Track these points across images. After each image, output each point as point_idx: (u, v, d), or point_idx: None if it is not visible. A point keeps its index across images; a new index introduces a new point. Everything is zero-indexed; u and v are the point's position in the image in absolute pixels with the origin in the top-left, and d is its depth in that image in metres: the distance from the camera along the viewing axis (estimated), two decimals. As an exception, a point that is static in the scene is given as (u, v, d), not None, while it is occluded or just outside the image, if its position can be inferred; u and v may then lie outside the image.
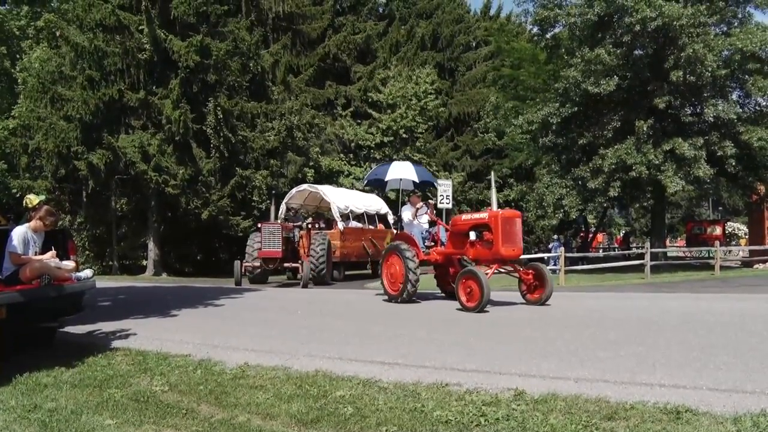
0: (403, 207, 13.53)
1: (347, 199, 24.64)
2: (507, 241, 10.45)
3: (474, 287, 9.77)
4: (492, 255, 10.58)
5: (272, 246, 19.11)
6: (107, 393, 5.00)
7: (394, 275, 11.97)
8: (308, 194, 24.34)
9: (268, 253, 19.18)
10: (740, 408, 3.97)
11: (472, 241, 10.91)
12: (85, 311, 7.39)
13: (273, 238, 19.13)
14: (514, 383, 4.82)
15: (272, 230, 19.46)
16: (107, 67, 27.48)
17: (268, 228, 19.60)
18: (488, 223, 10.65)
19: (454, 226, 11.72)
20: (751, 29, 22.80)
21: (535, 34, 30.13)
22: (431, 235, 12.69)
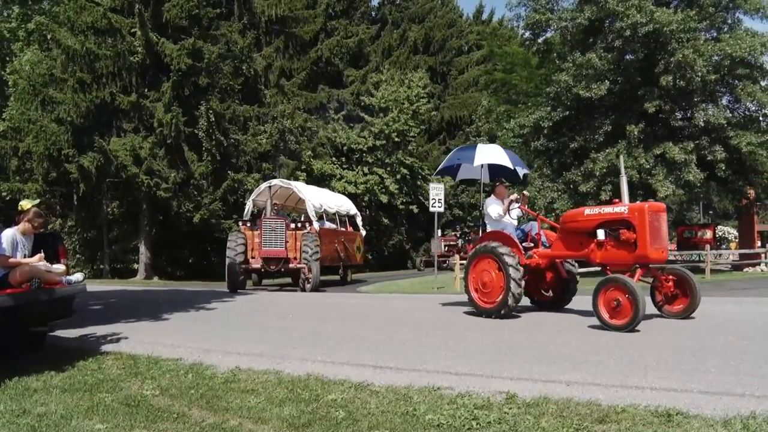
0: (486, 200, 11.14)
1: (321, 197, 22.21)
2: (655, 241, 8.49)
3: (623, 300, 7.77)
4: (635, 258, 8.56)
5: (275, 245, 17.69)
6: (97, 397, 4.97)
7: (488, 284, 9.63)
8: (278, 190, 21.51)
9: (270, 252, 17.67)
10: (730, 411, 3.99)
11: (601, 241, 8.85)
12: (76, 315, 7.36)
13: (275, 235, 17.67)
14: (505, 387, 4.83)
15: (275, 226, 17.88)
16: (99, 69, 27.40)
17: (270, 223, 17.95)
18: (628, 218, 8.61)
19: (569, 222, 9.51)
20: (740, 35, 22.96)
21: (527, 38, 30.20)
22: (526, 235, 10.52)
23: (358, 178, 35.64)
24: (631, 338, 7.04)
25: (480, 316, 9.54)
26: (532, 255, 9.90)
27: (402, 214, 39.25)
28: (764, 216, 38.90)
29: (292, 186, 21.35)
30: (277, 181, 21.62)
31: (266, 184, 21.16)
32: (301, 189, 21.29)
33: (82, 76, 27.30)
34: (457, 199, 43.74)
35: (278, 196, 21.69)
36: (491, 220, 10.69)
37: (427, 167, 39.97)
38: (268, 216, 18.89)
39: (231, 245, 18.31)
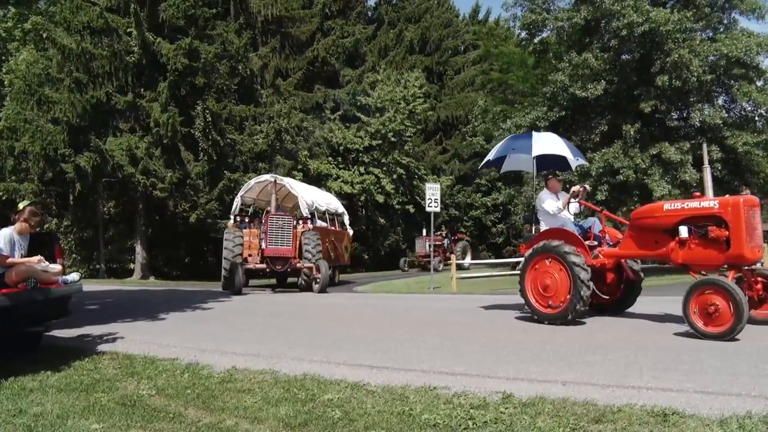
0: (540, 194, 10.16)
1: (312, 195, 21.11)
2: (751, 239, 7.53)
3: (722, 305, 6.86)
4: (726, 258, 7.60)
5: (282, 243, 16.68)
6: (94, 397, 4.97)
7: (550, 288, 8.58)
8: (266, 187, 20.01)
9: (278, 251, 16.61)
10: (726, 410, 4.00)
11: (684, 239, 7.92)
12: (72, 315, 7.34)
13: (283, 233, 16.64)
14: (502, 386, 4.83)
15: (282, 224, 16.87)
16: (95, 69, 27.34)
17: (277, 221, 16.86)
18: (719, 214, 7.64)
19: (644, 219, 8.48)
20: (736, 35, 23.03)
21: (523, 38, 30.28)
22: (586, 232, 9.48)
23: (355, 178, 35.59)
24: (627, 339, 7.05)
25: (541, 322, 8.53)
26: (597, 254, 8.98)
27: (398, 214, 39.23)
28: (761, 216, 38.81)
29: (284, 182, 20.32)
30: (268, 177, 20.25)
31: (256, 180, 20.45)
32: (293, 185, 20.48)
33: (79, 76, 27.24)
34: (453, 199, 43.75)
35: (265, 193, 20.45)
36: (547, 216, 9.75)
37: (423, 167, 39.97)
38: (274, 212, 17.64)
39: (228, 245, 17.54)
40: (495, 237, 47.93)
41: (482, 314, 9.97)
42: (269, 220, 16.64)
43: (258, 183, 20.49)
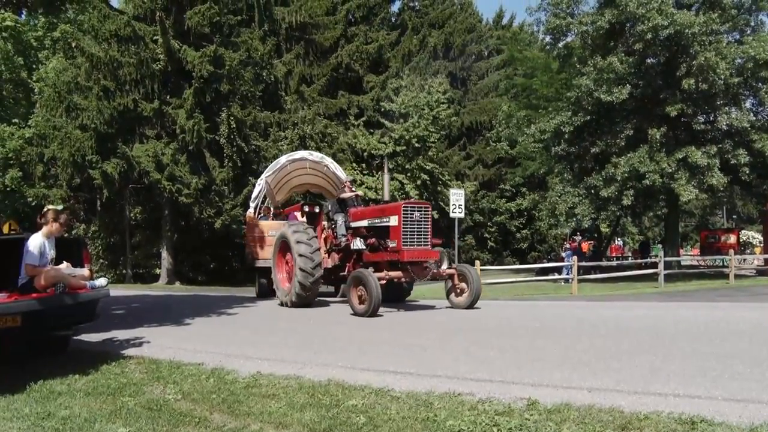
0: None
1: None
2: None
3: None
4: None
5: (422, 241, 11.98)
6: (120, 401, 5.02)
7: None
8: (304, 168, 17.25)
9: (421, 253, 11.96)
10: (756, 418, 3.94)
11: None
12: (99, 319, 7.43)
13: (420, 227, 11.97)
14: (526, 393, 4.80)
15: (420, 215, 11.98)
16: (122, 77, 27.74)
17: (413, 210, 12.05)
18: None
19: None
20: (763, 37, 22.71)
21: (547, 42, 30.11)
22: None
23: (379, 184, 35.62)
24: (651, 344, 6.98)
25: None
26: None
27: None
28: (790, 220, 38.26)
29: (325, 162, 17.24)
30: (304, 154, 17.57)
31: (288, 158, 17.31)
32: (338, 168, 17.45)
33: (106, 84, 27.66)
34: (477, 205, 43.60)
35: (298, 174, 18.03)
36: None
37: (447, 173, 39.91)
38: (411, 200, 14.22)
39: (300, 237, 12.81)
40: (519, 243, 47.67)
41: (503, 320, 9.92)
42: (403, 211, 11.79)
43: (292, 162, 17.34)
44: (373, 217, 12.59)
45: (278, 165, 17.40)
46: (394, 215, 11.91)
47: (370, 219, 12.58)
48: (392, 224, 11.88)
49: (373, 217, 12.58)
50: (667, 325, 8.65)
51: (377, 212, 12.63)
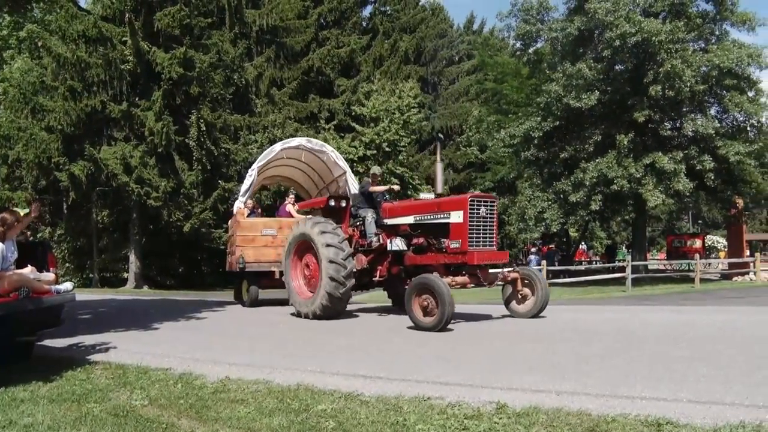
0: None
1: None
2: None
3: None
4: None
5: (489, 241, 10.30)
6: (86, 408, 4.94)
7: None
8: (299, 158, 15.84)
9: (492, 255, 10.42)
10: (720, 420, 4.00)
11: None
12: (64, 324, 7.31)
13: (487, 225, 10.18)
14: (496, 396, 4.82)
15: (486, 211, 10.10)
16: (89, 78, 27.38)
17: (478, 204, 10.14)
18: None
19: None
20: (727, 46, 23.23)
21: (517, 48, 30.41)
22: None
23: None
24: (620, 348, 7.05)
25: None
26: None
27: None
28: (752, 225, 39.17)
29: (325, 150, 15.88)
30: (302, 141, 15.84)
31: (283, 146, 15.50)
32: (339, 157, 16.11)
33: (73, 84, 27.27)
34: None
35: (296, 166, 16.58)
36: None
37: (418, 177, 40.00)
38: (476, 193, 11.86)
39: (331, 240, 10.85)
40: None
41: (473, 325, 9.96)
42: (470, 206, 9.87)
43: (287, 149, 15.52)
44: (422, 212, 10.76)
45: (272, 153, 15.28)
46: (457, 210, 10.03)
47: (418, 215, 10.77)
48: (454, 221, 10.03)
49: (423, 212, 10.74)
50: (634, 328, 8.76)
51: (429, 207, 10.70)
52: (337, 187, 16.74)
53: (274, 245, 14.23)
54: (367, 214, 11.62)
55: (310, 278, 11.64)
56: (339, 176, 16.58)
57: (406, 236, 11.01)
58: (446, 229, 10.18)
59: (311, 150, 15.78)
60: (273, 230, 14.54)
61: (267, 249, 14.35)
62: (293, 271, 11.97)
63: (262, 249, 14.34)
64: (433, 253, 10.51)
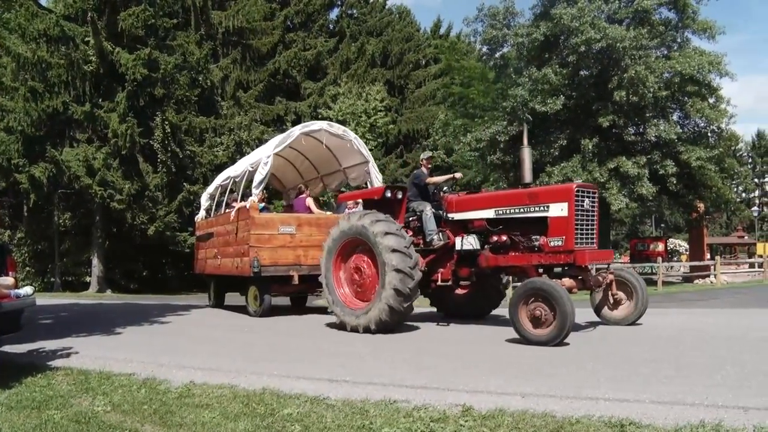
0: None
1: None
2: None
3: None
4: None
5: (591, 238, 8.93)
6: (46, 415, 4.84)
7: None
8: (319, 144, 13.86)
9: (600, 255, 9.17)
10: (681, 420, 4.07)
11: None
12: (25, 330, 7.17)
13: (590, 219, 8.90)
14: (462, 399, 4.84)
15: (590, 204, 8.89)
16: (51, 78, 26.90)
17: (584, 194, 8.80)
18: None
19: None
20: (689, 53, 23.71)
21: (484, 53, 30.68)
22: None
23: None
24: (585, 351, 7.14)
25: None
26: None
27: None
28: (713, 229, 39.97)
29: (348, 136, 13.92)
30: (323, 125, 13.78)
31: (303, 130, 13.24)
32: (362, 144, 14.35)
33: (34, 85, 26.76)
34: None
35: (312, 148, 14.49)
36: None
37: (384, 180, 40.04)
38: (580, 182, 10.88)
39: (388, 228, 9.22)
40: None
41: (440, 328, 9.99)
42: (578, 199, 8.56)
43: (306, 135, 13.33)
44: (506, 204, 9.20)
45: (291, 138, 13.02)
46: (559, 202, 8.59)
47: (500, 207, 9.19)
48: (554, 214, 8.62)
49: (508, 204, 9.18)
50: (597, 331, 8.86)
51: (518, 198, 9.14)
52: (344, 178, 15.56)
53: (292, 245, 12.39)
54: (424, 208, 10.01)
55: (362, 285, 9.69)
56: (349, 167, 14.99)
57: (481, 233, 9.46)
58: (542, 225, 8.77)
59: (334, 134, 13.66)
60: (291, 228, 12.51)
61: (285, 250, 12.34)
62: (335, 275, 10.05)
63: (279, 250, 12.29)
64: (522, 253, 9.02)
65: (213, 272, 14.97)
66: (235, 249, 13.03)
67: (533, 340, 7.49)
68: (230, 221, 13.36)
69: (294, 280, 12.19)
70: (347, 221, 9.80)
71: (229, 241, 13.51)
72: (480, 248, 9.39)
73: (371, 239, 9.20)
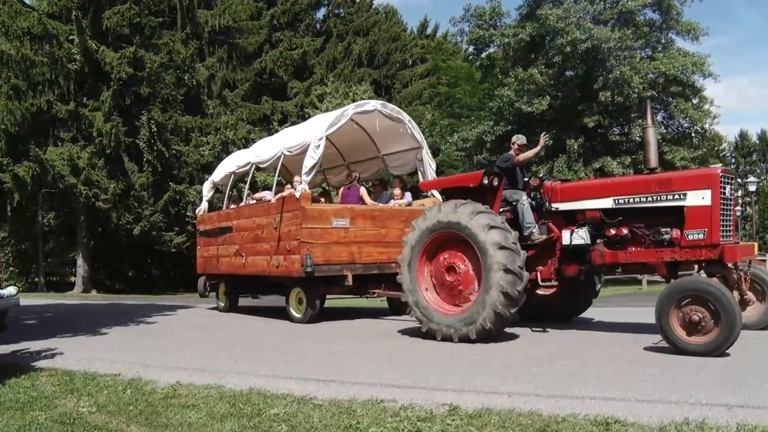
0: None
1: None
2: None
3: None
4: None
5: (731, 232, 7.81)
6: (30, 416, 4.81)
7: None
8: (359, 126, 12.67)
9: (744, 250, 8.15)
10: (665, 418, 4.10)
11: None
12: (8, 330, 7.12)
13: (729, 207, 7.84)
14: (448, 399, 4.85)
15: (731, 191, 7.82)
16: (35, 77, 26.67)
17: (727, 180, 7.65)
18: None
19: None
20: (673, 54, 23.91)
21: (470, 53, 30.76)
22: None
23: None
24: (571, 350, 7.17)
25: None
26: None
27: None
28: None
29: (402, 118, 12.34)
30: (376, 105, 12.14)
31: (356, 108, 11.70)
32: (416, 128, 12.85)
33: (17, 83, 26.51)
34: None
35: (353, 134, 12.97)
36: None
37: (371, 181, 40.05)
38: (720, 166, 8.46)
39: (493, 221, 7.94)
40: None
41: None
42: (721, 182, 7.38)
43: (360, 114, 11.85)
44: (628, 192, 8.00)
45: (345, 118, 11.39)
46: (700, 189, 7.42)
47: (621, 196, 8.01)
48: (693, 203, 7.44)
49: (631, 192, 7.97)
50: (584, 330, 8.91)
51: (643, 185, 7.93)
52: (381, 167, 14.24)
53: (346, 241, 10.96)
54: (519, 197, 8.83)
55: (454, 286, 8.31)
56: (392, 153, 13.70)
57: (593, 225, 8.23)
58: (675, 215, 7.63)
59: (387, 116, 12.07)
60: (345, 221, 11.05)
61: (338, 246, 10.90)
62: (420, 275, 8.58)
63: (333, 246, 10.83)
64: (647, 248, 7.87)
65: (231, 272, 13.20)
66: (274, 246, 11.32)
67: (688, 348, 6.45)
68: (265, 213, 11.74)
69: (348, 280, 10.70)
70: (438, 213, 8.40)
71: (262, 237, 11.76)
72: (590, 243, 8.14)
73: (471, 234, 7.87)
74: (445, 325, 8.06)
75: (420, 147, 12.85)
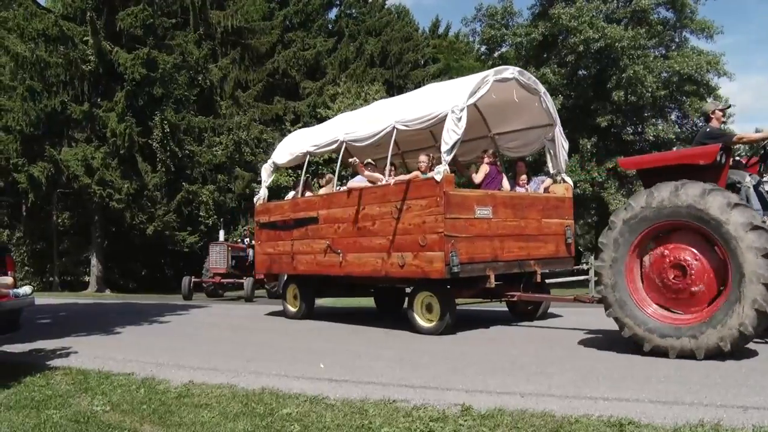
0: None
1: None
2: None
3: None
4: None
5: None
6: (45, 414, 4.84)
7: None
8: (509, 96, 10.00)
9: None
10: (680, 419, 4.07)
11: None
12: (23, 329, 7.17)
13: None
14: (461, 399, 4.84)
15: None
16: (50, 78, 26.83)
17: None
18: None
19: None
20: (687, 53, 23.75)
21: (482, 53, 30.71)
22: None
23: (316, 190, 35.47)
24: (584, 350, 7.14)
25: None
26: None
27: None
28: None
29: (539, 90, 10.44)
30: (515, 72, 9.82)
31: (496, 75, 9.37)
32: (551, 102, 10.81)
33: (32, 84, 26.69)
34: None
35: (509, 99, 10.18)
36: None
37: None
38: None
39: (754, 217, 6.02)
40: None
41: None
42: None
43: (500, 81, 9.50)
44: None
45: (487, 85, 9.24)
46: None
47: None
48: None
49: None
50: (598, 330, 8.86)
51: None
52: (494, 147, 11.79)
53: (488, 234, 9.10)
54: (742, 178, 7.07)
55: (681, 290, 6.38)
56: (509, 132, 11.88)
57: None
58: None
59: (524, 86, 10.08)
60: (487, 210, 9.15)
61: (481, 241, 9.01)
62: (629, 275, 6.72)
63: (476, 241, 8.93)
64: None
65: (317, 272, 11.11)
66: (395, 240, 9.25)
67: None
68: (379, 200, 9.62)
69: (489, 281, 8.96)
70: (662, 196, 6.37)
71: (372, 230, 9.64)
72: None
73: (723, 231, 5.96)
74: (660, 335, 6.31)
75: (553, 124, 11.01)
